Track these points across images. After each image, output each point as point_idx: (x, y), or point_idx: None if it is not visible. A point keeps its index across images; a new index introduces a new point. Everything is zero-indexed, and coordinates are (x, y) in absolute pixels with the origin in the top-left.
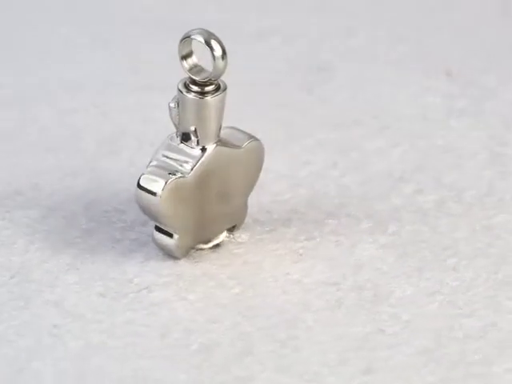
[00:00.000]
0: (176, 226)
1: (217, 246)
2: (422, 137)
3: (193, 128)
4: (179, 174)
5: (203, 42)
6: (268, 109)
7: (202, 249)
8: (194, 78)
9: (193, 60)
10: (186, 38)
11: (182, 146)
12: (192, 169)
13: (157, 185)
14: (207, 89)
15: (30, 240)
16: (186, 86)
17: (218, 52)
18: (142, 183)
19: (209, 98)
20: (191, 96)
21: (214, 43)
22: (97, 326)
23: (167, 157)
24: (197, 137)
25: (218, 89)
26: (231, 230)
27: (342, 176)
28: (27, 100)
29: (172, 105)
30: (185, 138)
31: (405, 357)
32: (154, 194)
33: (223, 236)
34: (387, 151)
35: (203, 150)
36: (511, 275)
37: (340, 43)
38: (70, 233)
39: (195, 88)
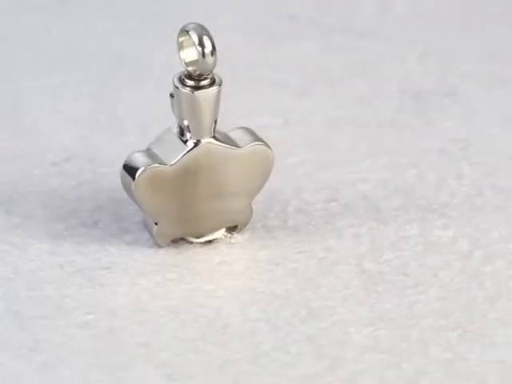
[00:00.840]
0: (153, 213)
1: (209, 242)
2: None
3: (185, 122)
4: (159, 163)
5: (196, 37)
6: None
7: (191, 242)
8: (189, 71)
9: (190, 53)
10: (183, 32)
11: (177, 137)
12: (176, 160)
13: (135, 169)
14: (202, 83)
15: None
16: (181, 81)
17: (208, 49)
18: (125, 164)
19: (199, 92)
20: (183, 90)
21: (205, 39)
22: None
23: (160, 145)
24: (189, 131)
25: (212, 84)
26: (232, 229)
27: None
28: None
29: (170, 96)
30: (181, 130)
31: None
32: (132, 177)
33: (220, 234)
34: None
35: (196, 144)
36: None
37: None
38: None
39: (190, 82)
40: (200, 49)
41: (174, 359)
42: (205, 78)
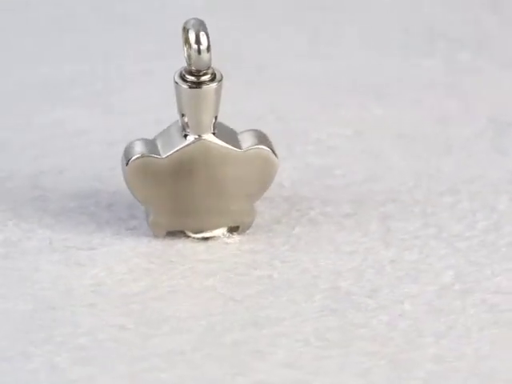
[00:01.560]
0: (145, 202)
1: (207, 238)
2: None
3: (184, 117)
4: (154, 154)
5: (193, 34)
6: None
7: (189, 236)
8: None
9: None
10: (184, 28)
11: (179, 131)
12: (170, 153)
13: (130, 157)
14: (202, 79)
15: None
16: (182, 76)
17: (203, 45)
18: (124, 150)
19: (196, 88)
20: (181, 85)
21: (201, 36)
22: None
23: (163, 137)
24: (187, 126)
25: (212, 80)
26: (234, 230)
27: None
28: None
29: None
30: (182, 125)
31: None
32: (126, 164)
33: (219, 232)
34: None
35: (193, 140)
36: None
37: None
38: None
39: (190, 78)
40: (196, 46)
41: (92, 343)
42: (205, 74)
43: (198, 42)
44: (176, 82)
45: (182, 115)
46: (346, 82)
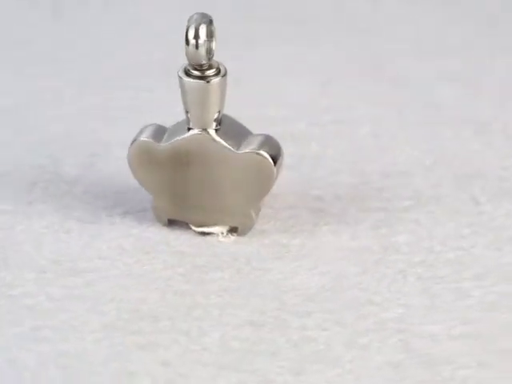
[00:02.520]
0: (145, 186)
1: (206, 233)
2: None
3: (184, 109)
4: (155, 141)
5: (192, 28)
6: None
7: (190, 228)
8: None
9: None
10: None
11: (187, 123)
12: (168, 142)
13: (136, 138)
14: (206, 73)
15: None
16: (186, 70)
17: (192, 41)
18: (137, 132)
19: (195, 82)
20: (183, 78)
21: (197, 31)
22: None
23: (174, 127)
24: (189, 120)
25: (215, 75)
26: (234, 230)
27: None
28: None
29: None
30: (188, 118)
31: None
32: (131, 143)
33: (219, 229)
34: None
35: (195, 133)
36: None
37: None
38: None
39: (194, 72)
40: (193, 41)
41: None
42: (209, 69)
43: (196, 36)
44: (179, 77)
45: (185, 108)
46: None
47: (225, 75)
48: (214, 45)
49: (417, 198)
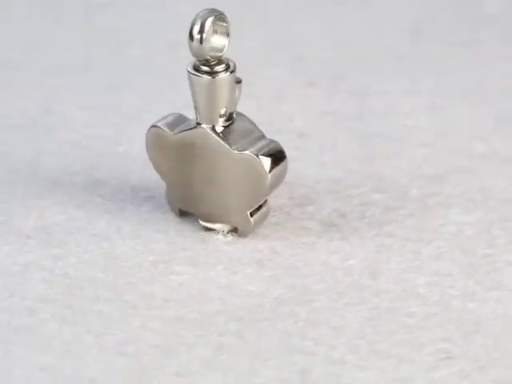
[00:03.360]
0: (158, 171)
1: (209, 229)
2: None
3: (193, 103)
4: (168, 129)
5: (198, 23)
6: None
7: (198, 221)
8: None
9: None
10: None
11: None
12: (178, 132)
13: (155, 123)
14: (215, 69)
15: None
16: (196, 65)
17: (196, 35)
18: (160, 118)
19: (196, 77)
20: (189, 72)
21: (199, 26)
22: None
23: (191, 119)
24: (196, 113)
25: (223, 71)
26: (234, 230)
27: None
28: None
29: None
30: (196, 112)
31: None
32: (149, 128)
33: (221, 227)
34: None
35: (199, 127)
36: None
37: None
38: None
39: (202, 67)
40: (198, 36)
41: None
42: (217, 65)
43: (200, 31)
44: (187, 71)
45: (195, 106)
46: None
47: (233, 72)
48: (224, 41)
49: None
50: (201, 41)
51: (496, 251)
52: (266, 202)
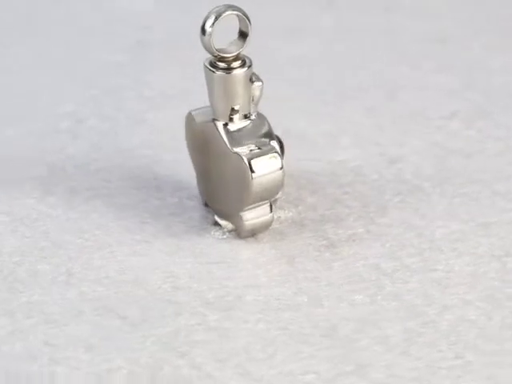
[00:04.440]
0: (190, 155)
1: (216, 223)
2: None
3: (208, 98)
4: (198, 117)
5: (212, 17)
6: None
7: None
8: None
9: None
10: None
11: None
12: (200, 122)
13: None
14: (232, 65)
15: None
16: (213, 62)
17: (207, 29)
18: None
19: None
20: (204, 65)
21: (211, 21)
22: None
23: None
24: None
25: (238, 68)
26: (234, 230)
27: None
28: None
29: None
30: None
31: None
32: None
33: (226, 224)
34: None
35: (210, 122)
36: None
37: None
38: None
39: (218, 63)
40: (210, 30)
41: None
42: (233, 61)
43: (212, 26)
44: (204, 65)
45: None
46: None
47: (249, 68)
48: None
49: None
50: (206, 34)
51: None
52: (271, 209)
